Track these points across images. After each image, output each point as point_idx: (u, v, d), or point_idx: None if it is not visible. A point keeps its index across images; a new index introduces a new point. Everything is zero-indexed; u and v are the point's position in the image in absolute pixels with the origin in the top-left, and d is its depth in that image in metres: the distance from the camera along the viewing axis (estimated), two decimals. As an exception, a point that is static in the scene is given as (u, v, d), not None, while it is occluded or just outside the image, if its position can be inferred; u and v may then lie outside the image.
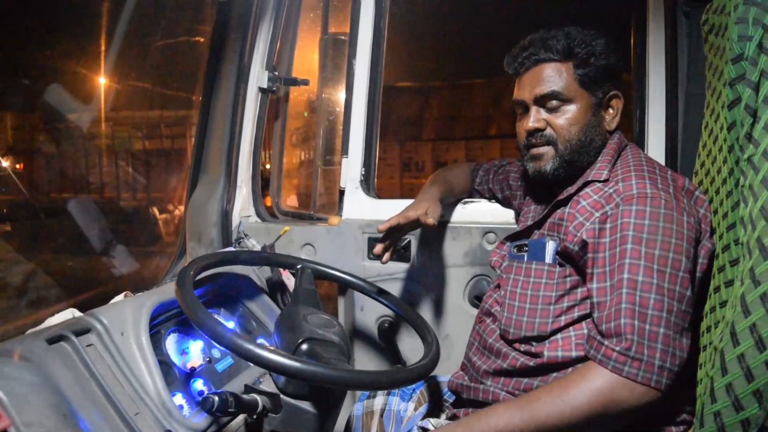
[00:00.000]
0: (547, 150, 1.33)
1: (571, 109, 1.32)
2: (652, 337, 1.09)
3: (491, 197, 1.82)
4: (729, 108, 1.12)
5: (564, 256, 1.28)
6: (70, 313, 1.38)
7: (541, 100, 1.33)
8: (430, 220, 1.52)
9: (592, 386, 1.10)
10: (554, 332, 1.27)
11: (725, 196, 1.19)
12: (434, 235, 1.91)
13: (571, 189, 1.32)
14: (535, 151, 1.35)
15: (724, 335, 1.00)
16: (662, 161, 1.70)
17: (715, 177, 1.25)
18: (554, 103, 1.32)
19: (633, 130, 1.83)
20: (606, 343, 1.13)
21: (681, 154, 1.69)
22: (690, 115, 1.64)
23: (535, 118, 1.33)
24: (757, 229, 0.98)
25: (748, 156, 1.05)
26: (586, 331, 1.23)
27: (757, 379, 0.94)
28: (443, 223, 1.88)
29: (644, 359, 1.08)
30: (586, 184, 1.31)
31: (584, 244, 1.23)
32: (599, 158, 1.34)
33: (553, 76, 1.31)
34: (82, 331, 1.22)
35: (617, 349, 1.10)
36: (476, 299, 1.89)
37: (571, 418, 1.09)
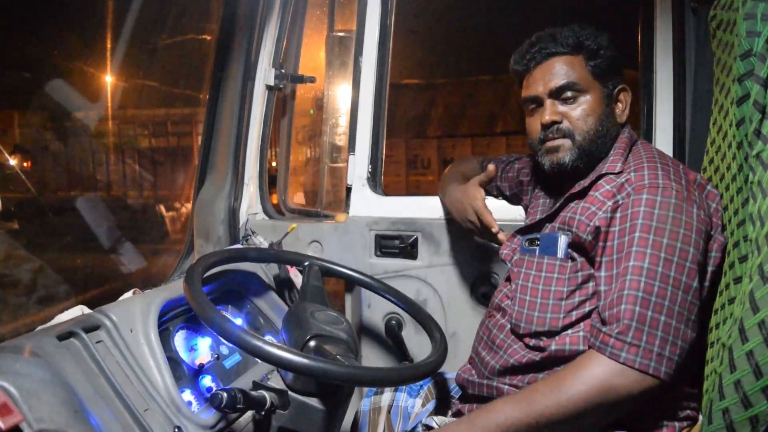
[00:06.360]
0: (563, 142, 1.32)
1: (586, 100, 1.31)
2: (653, 324, 1.08)
3: (499, 194, 1.81)
4: (737, 104, 1.12)
5: (576, 247, 1.28)
6: (79, 310, 1.39)
7: (557, 93, 1.32)
8: (502, 236, 1.52)
9: (589, 374, 1.09)
10: (565, 328, 1.26)
11: (735, 192, 1.18)
12: (441, 232, 1.91)
13: (585, 182, 1.32)
14: (551, 143, 1.34)
15: (733, 332, 1.00)
16: (670, 158, 1.69)
17: (725, 173, 1.25)
18: (570, 94, 1.31)
19: (641, 126, 1.82)
20: (604, 329, 1.12)
21: (689, 150, 1.68)
22: (698, 111, 1.63)
23: (551, 111, 1.32)
24: (765, 225, 0.98)
25: (757, 152, 1.04)
26: None
27: (765, 376, 0.94)
28: (450, 220, 1.88)
29: (642, 345, 1.07)
30: (600, 177, 1.30)
31: (597, 233, 1.22)
32: (612, 151, 1.33)
33: (567, 68, 1.31)
34: (92, 327, 1.23)
35: (614, 334, 1.09)
36: (483, 296, 1.89)
37: (568, 406, 1.08)
